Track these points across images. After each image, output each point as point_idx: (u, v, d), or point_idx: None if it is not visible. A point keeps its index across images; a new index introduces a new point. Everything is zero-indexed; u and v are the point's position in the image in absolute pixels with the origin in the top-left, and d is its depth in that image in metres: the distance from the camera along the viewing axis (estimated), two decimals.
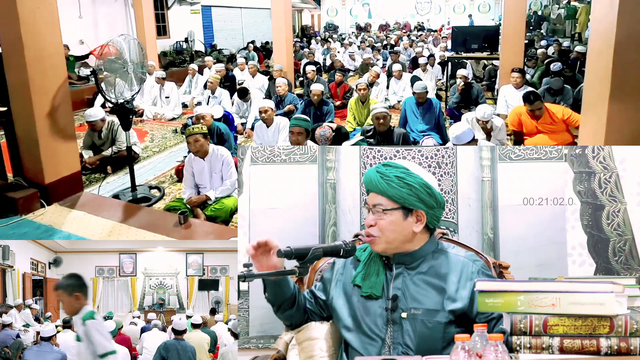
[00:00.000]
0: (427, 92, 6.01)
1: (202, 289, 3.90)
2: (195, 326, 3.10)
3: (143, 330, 3.45)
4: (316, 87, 6.55)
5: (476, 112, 5.21)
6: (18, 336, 2.95)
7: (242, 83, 9.17)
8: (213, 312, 3.75)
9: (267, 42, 17.02)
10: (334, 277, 1.61)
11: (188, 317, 3.37)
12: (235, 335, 2.75)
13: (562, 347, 1.21)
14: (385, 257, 1.53)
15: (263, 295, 1.58)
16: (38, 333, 2.86)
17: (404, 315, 1.44)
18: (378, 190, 1.47)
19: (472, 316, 1.42)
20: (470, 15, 24.64)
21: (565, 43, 12.69)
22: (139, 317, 3.75)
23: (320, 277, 1.68)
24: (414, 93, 6.04)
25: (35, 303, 3.59)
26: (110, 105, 4.41)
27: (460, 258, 1.50)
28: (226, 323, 3.36)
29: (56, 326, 3.15)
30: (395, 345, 1.44)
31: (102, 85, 4.16)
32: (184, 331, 2.92)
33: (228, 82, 8.96)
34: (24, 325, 3.27)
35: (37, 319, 3.47)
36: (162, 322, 3.69)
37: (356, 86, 6.98)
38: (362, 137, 5.09)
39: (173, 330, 2.92)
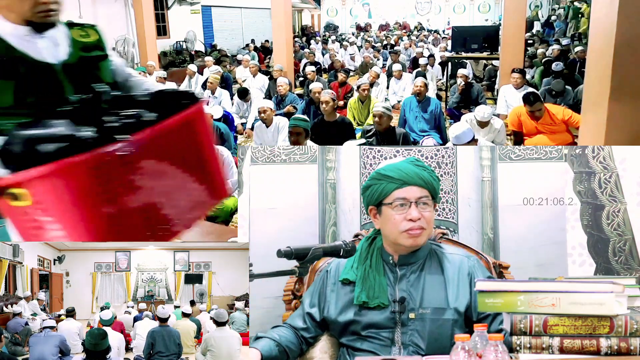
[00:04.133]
0: (426, 83, 5.97)
1: (188, 283, 4.25)
2: (185, 315, 3.51)
3: (136, 319, 3.76)
4: (316, 86, 6.44)
5: (475, 112, 5.20)
6: (27, 324, 3.28)
7: (244, 80, 9.10)
8: (192, 303, 4.12)
9: (253, 41, 16.94)
10: (327, 292, 1.58)
11: (176, 307, 3.77)
12: (217, 323, 3.06)
13: (562, 347, 1.21)
14: (390, 261, 1.52)
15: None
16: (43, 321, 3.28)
17: (412, 315, 1.45)
18: (422, 184, 1.46)
19: (475, 313, 1.43)
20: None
21: (564, 42, 12.71)
22: (132, 307, 4.12)
23: (310, 295, 1.62)
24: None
25: (44, 295, 3.91)
26: None
27: (456, 256, 1.52)
28: (209, 312, 3.68)
29: (59, 315, 3.57)
30: (405, 346, 1.44)
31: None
32: (167, 318, 3.25)
33: (222, 83, 8.92)
34: (31, 314, 3.58)
35: (43, 309, 3.80)
36: (152, 312, 4.05)
37: (358, 86, 6.97)
38: (365, 140, 5.06)
39: (158, 318, 3.25)
